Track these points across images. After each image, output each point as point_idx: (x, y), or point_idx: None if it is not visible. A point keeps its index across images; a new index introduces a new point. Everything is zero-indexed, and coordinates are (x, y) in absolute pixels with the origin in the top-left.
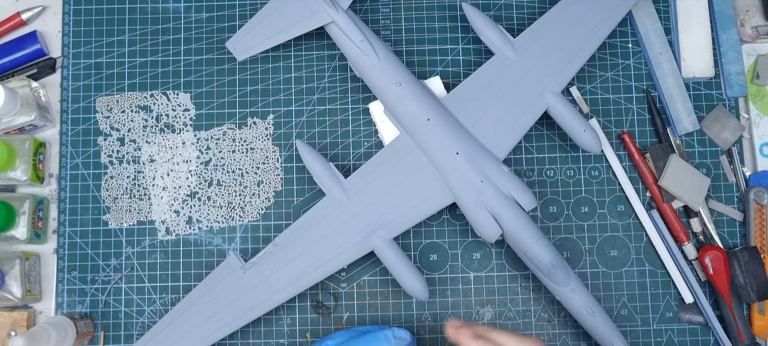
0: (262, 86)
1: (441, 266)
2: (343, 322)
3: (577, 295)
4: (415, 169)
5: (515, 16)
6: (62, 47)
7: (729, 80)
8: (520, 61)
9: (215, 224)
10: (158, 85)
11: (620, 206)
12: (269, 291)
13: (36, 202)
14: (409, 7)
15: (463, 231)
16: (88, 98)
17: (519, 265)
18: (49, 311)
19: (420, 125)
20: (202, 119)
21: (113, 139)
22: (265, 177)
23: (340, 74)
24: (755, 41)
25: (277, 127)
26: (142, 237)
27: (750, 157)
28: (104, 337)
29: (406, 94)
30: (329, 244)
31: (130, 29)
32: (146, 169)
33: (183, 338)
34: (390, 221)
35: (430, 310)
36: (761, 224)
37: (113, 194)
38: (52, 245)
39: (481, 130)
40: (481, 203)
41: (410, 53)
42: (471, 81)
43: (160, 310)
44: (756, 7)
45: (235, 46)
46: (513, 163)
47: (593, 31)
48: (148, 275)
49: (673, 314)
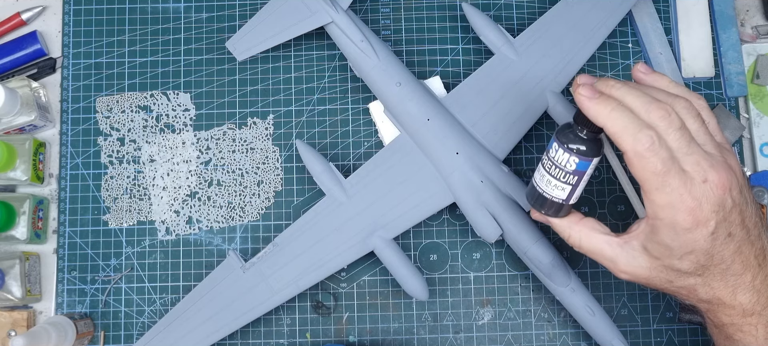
0: (262, 86)
1: (441, 266)
2: (343, 322)
3: (577, 295)
4: (415, 170)
5: (515, 16)
6: (62, 47)
7: (729, 80)
8: (520, 61)
9: (215, 224)
10: (158, 85)
11: (620, 206)
12: (269, 291)
13: (36, 202)
14: (409, 7)
15: (463, 231)
16: (88, 98)
17: (519, 265)
18: (49, 311)
19: (420, 125)
20: (202, 119)
21: (113, 139)
22: (265, 177)
23: (340, 74)
24: (755, 41)
25: (277, 127)
26: (142, 237)
27: (750, 157)
28: (104, 337)
29: (406, 94)
30: (329, 244)
31: (130, 29)
32: (146, 169)
33: (183, 338)
34: (390, 221)
35: (430, 310)
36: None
37: (113, 194)
38: (52, 245)
39: (481, 130)
40: (481, 203)
41: (410, 53)
42: (471, 81)
43: (160, 310)
44: (756, 7)
45: (235, 46)
46: (513, 163)
47: (593, 31)
48: (148, 275)
49: (673, 314)
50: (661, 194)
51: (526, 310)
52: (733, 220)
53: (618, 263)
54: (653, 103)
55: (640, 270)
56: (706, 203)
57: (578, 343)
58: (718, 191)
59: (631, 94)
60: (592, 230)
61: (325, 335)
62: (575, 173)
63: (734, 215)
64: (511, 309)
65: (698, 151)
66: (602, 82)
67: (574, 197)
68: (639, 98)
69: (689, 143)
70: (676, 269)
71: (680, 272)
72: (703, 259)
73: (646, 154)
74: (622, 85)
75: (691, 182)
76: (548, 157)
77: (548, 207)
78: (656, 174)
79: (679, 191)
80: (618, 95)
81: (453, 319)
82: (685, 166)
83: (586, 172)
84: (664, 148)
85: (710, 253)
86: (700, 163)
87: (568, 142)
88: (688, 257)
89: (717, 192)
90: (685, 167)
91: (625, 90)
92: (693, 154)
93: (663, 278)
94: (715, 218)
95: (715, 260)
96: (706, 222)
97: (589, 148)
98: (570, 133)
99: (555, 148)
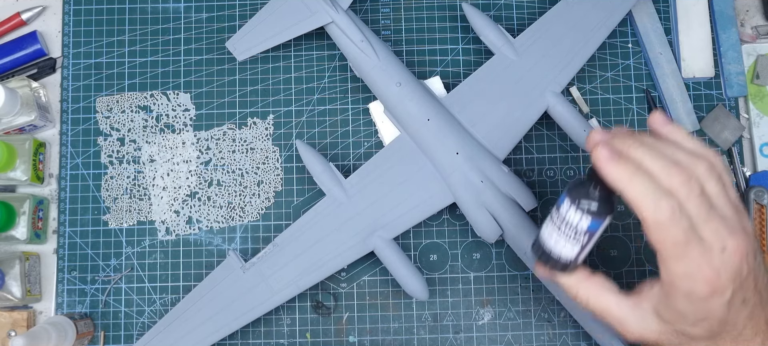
0: (262, 86)
1: (441, 266)
2: (343, 322)
3: None
4: (415, 170)
5: (515, 16)
6: (62, 47)
7: (729, 80)
8: (520, 61)
9: (215, 224)
10: (158, 85)
11: (620, 206)
12: (269, 291)
13: (36, 202)
14: (409, 7)
15: (463, 231)
16: (88, 98)
17: (519, 265)
18: (49, 311)
19: (420, 125)
20: (202, 119)
21: (113, 139)
22: (265, 177)
23: (340, 74)
24: (755, 41)
25: (277, 127)
26: (142, 237)
27: (750, 157)
28: (104, 337)
29: (406, 94)
30: (329, 244)
31: (130, 29)
32: (146, 169)
33: (183, 338)
34: (390, 221)
35: (430, 310)
36: (761, 223)
37: (113, 194)
38: (52, 245)
39: (481, 130)
40: (481, 202)
41: (410, 53)
42: (471, 81)
43: (160, 310)
44: (756, 7)
45: (235, 46)
46: (513, 163)
47: (593, 31)
48: (148, 275)
49: None
50: (679, 264)
51: (526, 310)
52: (748, 286)
53: (627, 325)
54: (674, 167)
55: (650, 334)
56: (724, 272)
57: (578, 343)
58: (735, 258)
59: (651, 156)
60: (601, 289)
61: (325, 335)
62: (587, 232)
63: (749, 280)
64: (511, 309)
65: (716, 217)
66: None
67: (583, 256)
68: (659, 161)
69: (709, 210)
70: (687, 335)
71: (691, 337)
72: (716, 326)
73: (668, 223)
74: (640, 145)
75: (710, 251)
76: (558, 213)
77: (555, 264)
78: (677, 244)
79: (697, 262)
80: (637, 157)
81: (453, 319)
82: (703, 234)
83: (598, 231)
84: (685, 217)
85: (724, 320)
86: (718, 232)
87: (581, 200)
88: (702, 324)
89: (735, 260)
90: (704, 235)
91: (644, 151)
92: (711, 221)
93: (673, 342)
94: (731, 286)
95: (728, 326)
96: (724, 291)
97: (602, 208)
98: (583, 190)
99: (567, 205)
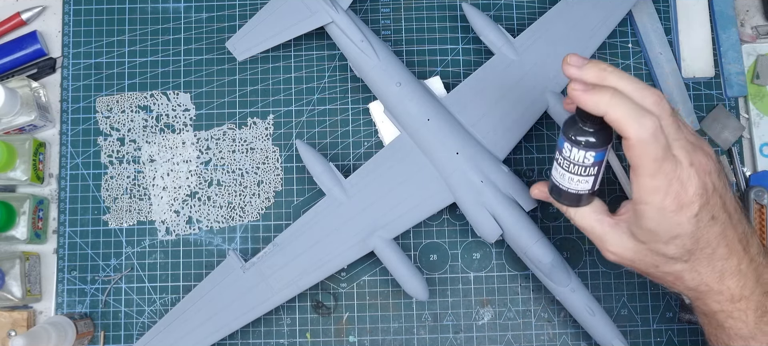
0: (262, 86)
1: (441, 266)
2: (343, 322)
3: (577, 295)
4: (415, 170)
5: (515, 16)
6: (62, 47)
7: (729, 80)
8: (520, 61)
9: (215, 224)
10: (158, 85)
11: None
12: (269, 291)
13: (36, 202)
14: (409, 7)
15: (463, 231)
16: (88, 98)
17: (519, 265)
18: (49, 311)
19: (420, 125)
20: (202, 119)
21: (113, 139)
22: (265, 177)
23: (340, 74)
24: (755, 41)
25: (277, 127)
26: (142, 237)
27: (750, 157)
28: (104, 337)
29: (406, 94)
30: (329, 244)
31: (130, 29)
32: (146, 169)
33: (183, 338)
34: (390, 221)
35: (430, 310)
36: (761, 223)
37: (113, 194)
38: (52, 245)
39: (481, 130)
40: (481, 203)
41: (410, 53)
42: (471, 81)
43: (160, 310)
44: (756, 7)
45: (235, 46)
46: (513, 163)
47: (593, 31)
48: (148, 275)
49: (673, 314)
50: (653, 179)
51: (526, 310)
52: (714, 203)
53: (606, 242)
54: (646, 89)
55: (626, 252)
56: (690, 186)
57: (578, 343)
58: (700, 173)
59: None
60: (588, 208)
61: (325, 335)
62: (594, 164)
63: (715, 198)
64: (511, 309)
65: (683, 136)
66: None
67: (597, 184)
68: (632, 84)
69: (678, 130)
70: (662, 254)
71: (666, 256)
72: (688, 243)
73: (650, 140)
74: (613, 69)
75: (680, 166)
76: (563, 156)
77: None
78: (656, 160)
79: (669, 176)
80: (613, 82)
81: (453, 319)
82: (674, 151)
83: (605, 158)
84: (663, 134)
85: (696, 236)
86: (686, 148)
87: (577, 137)
88: (674, 242)
89: (700, 175)
90: (675, 152)
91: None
92: (680, 139)
93: (648, 262)
94: (698, 200)
95: (701, 243)
96: (690, 204)
97: (600, 139)
98: (575, 127)
99: (568, 147)
